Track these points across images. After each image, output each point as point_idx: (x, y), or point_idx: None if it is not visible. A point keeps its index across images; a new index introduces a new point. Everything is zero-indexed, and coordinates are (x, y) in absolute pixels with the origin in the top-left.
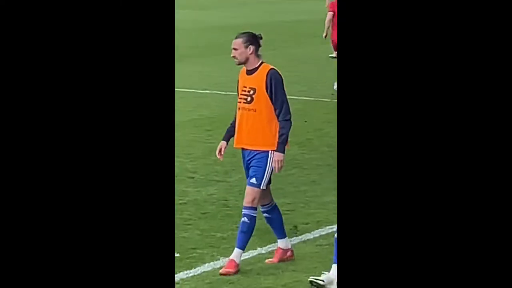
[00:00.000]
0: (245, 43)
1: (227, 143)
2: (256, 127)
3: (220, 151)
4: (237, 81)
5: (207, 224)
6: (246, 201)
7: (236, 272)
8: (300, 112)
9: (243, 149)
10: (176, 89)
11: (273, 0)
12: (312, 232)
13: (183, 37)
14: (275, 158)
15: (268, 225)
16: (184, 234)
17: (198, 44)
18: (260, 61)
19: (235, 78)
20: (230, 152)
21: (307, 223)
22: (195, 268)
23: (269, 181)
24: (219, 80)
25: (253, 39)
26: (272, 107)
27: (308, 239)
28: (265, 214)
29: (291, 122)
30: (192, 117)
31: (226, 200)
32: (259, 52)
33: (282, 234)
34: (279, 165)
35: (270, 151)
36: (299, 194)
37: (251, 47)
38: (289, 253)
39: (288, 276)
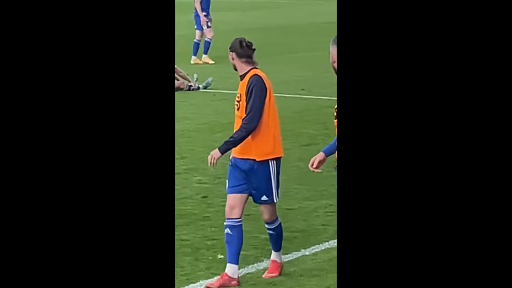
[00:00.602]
0: (228, 49)
1: None
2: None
3: None
4: None
5: (250, 225)
6: (265, 218)
7: (280, 274)
8: None
9: (236, 157)
10: (217, 91)
11: (314, 2)
12: None
13: (223, 39)
14: (211, 153)
15: (311, 227)
16: None
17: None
18: (250, 67)
19: (275, 81)
20: None
21: None
22: (239, 269)
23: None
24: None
25: (234, 46)
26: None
27: None
28: (227, 230)
29: (247, 132)
30: (234, 119)
31: None
32: (252, 59)
33: (235, 260)
34: (211, 161)
35: (269, 160)
36: None
37: (231, 54)
38: (234, 282)
39: (331, 278)
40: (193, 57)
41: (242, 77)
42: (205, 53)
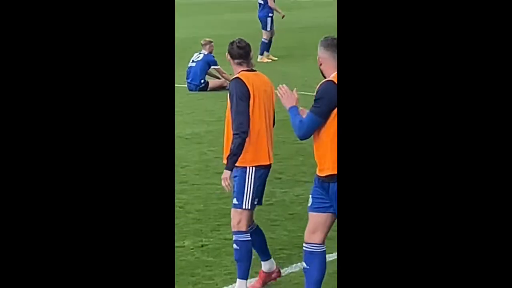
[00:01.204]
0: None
1: None
2: (228, 140)
3: None
4: None
5: (294, 225)
6: (232, 224)
7: None
8: None
9: None
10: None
11: None
12: None
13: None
14: (222, 175)
15: None
16: (272, 234)
17: (283, 44)
18: (240, 70)
19: (320, 79)
20: None
21: None
22: (282, 268)
23: (259, 202)
24: (305, 81)
25: (228, 47)
26: None
27: None
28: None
29: (240, 138)
30: (279, 118)
31: None
32: (247, 60)
33: (265, 256)
34: (225, 183)
35: (248, 167)
36: None
37: (227, 55)
38: (274, 275)
39: None
40: (264, 54)
41: None
42: (262, 53)
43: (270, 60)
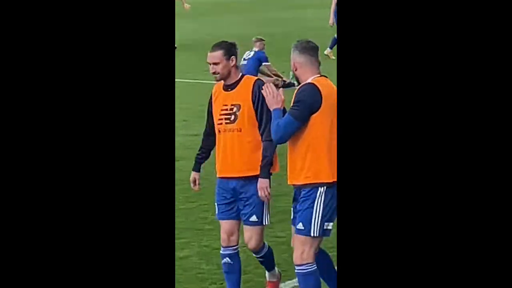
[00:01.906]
0: (225, 55)
1: (199, 173)
2: (244, 150)
3: (195, 182)
4: (208, 103)
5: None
6: (251, 246)
7: None
8: None
9: (227, 177)
10: (289, 89)
11: None
12: None
13: (297, 37)
14: (259, 185)
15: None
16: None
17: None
18: (241, 73)
19: None
20: None
21: None
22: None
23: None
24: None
25: (234, 49)
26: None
27: None
28: (226, 259)
29: (275, 143)
30: None
31: None
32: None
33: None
34: (265, 193)
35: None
36: None
37: (234, 58)
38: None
39: None
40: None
41: (232, 85)
42: (331, 47)
43: (334, 57)
